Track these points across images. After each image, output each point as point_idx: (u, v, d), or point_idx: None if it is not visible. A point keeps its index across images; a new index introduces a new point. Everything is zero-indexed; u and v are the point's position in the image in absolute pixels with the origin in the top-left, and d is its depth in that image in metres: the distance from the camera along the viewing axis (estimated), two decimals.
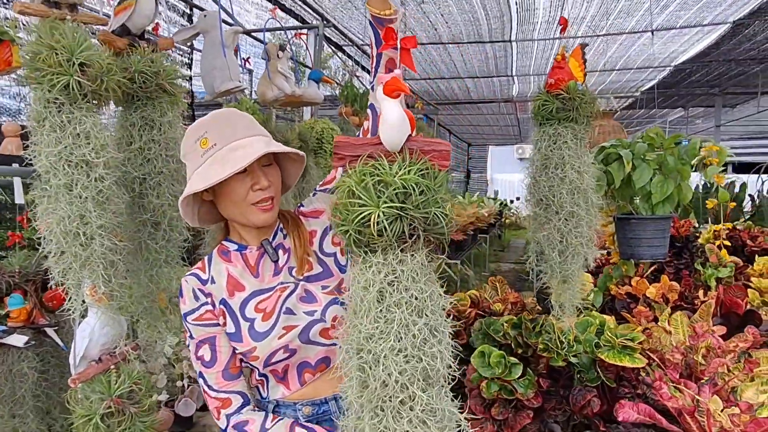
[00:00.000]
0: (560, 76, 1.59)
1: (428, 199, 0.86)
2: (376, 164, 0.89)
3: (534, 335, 1.88)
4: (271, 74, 2.12)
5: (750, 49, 5.66)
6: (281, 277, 1.19)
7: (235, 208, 1.14)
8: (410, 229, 0.85)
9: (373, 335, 0.86)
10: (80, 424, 1.34)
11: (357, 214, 0.85)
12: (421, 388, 0.85)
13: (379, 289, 0.86)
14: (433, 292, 0.89)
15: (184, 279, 1.20)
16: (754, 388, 1.47)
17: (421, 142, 0.92)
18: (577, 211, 1.54)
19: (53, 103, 1.23)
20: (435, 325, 0.88)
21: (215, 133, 1.11)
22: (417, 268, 0.87)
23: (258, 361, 1.15)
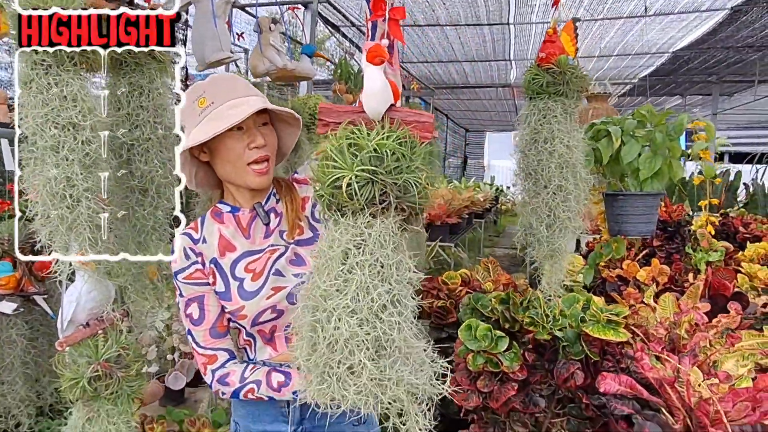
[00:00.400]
0: (551, 51, 1.58)
1: (401, 165, 0.85)
2: (354, 129, 0.88)
3: (521, 310, 1.89)
4: (263, 47, 2.11)
5: (748, 36, 5.65)
6: (272, 240, 1.21)
7: (231, 168, 1.16)
8: (381, 195, 0.84)
9: (330, 293, 0.84)
10: (68, 387, 1.35)
11: (330, 177, 0.85)
12: (370, 357, 0.82)
13: (343, 249, 0.85)
14: (401, 263, 0.88)
15: (177, 237, 1.21)
16: (734, 360, 1.49)
17: (404, 112, 0.91)
18: (565, 185, 1.54)
19: (40, 64, 1.22)
20: (398, 295, 0.86)
21: (213, 93, 1.14)
22: (385, 234, 0.86)
23: (246, 320, 1.17)
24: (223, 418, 2.07)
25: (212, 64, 1.86)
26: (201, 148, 1.19)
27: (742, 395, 1.31)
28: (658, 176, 1.69)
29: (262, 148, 1.15)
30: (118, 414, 1.39)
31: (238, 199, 1.24)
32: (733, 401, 1.30)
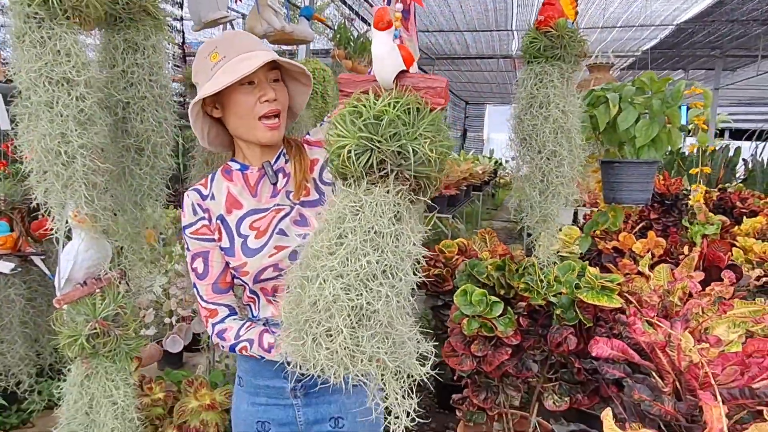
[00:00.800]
0: (550, 13, 1.56)
1: (399, 132, 0.83)
2: (361, 97, 0.88)
3: (516, 277, 1.91)
4: (261, 8, 2.07)
5: (753, 8, 5.56)
6: (278, 199, 1.23)
7: (242, 122, 1.17)
8: (380, 163, 0.83)
9: (321, 254, 0.84)
10: (66, 345, 1.36)
11: (334, 144, 0.85)
12: (348, 324, 0.81)
13: (339, 214, 0.85)
14: (401, 234, 0.85)
15: (186, 193, 1.26)
16: (725, 326, 1.51)
17: (416, 78, 0.89)
18: (559, 150, 1.53)
19: (33, 18, 1.20)
20: (392, 266, 0.83)
21: (225, 47, 1.15)
22: (384, 203, 0.84)
23: (248, 276, 1.19)
24: (220, 379, 2.10)
25: (208, 23, 1.83)
26: (213, 104, 1.20)
27: (732, 359, 1.33)
28: (655, 144, 1.68)
29: (272, 102, 1.15)
30: (117, 371, 1.41)
31: (248, 156, 1.25)
32: (722, 365, 1.32)
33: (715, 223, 3.43)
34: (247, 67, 1.09)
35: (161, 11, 1.48)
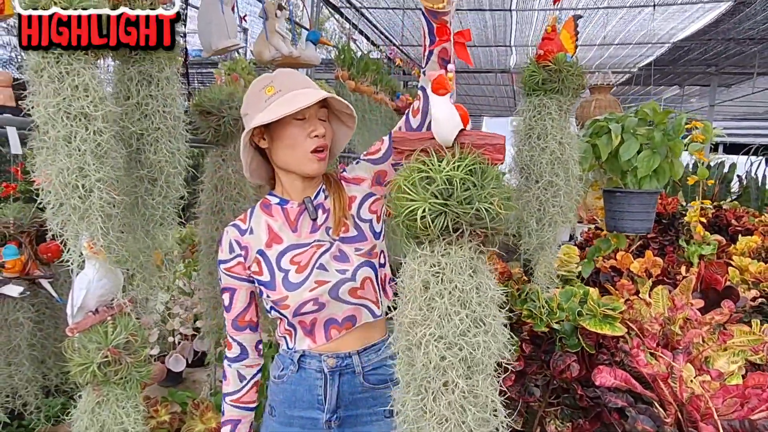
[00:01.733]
0: (549, 48, 1.60)
1: (473, 194, 0.88)
2: (426, 160, 0.92)
3: (519, 302, 1.93)
4: (269, 34, 2.11)
5: (749, 28, 5.65)
6: (318, 235, 1.25)
7: (290, 153, 1.21)
8: (454, 224, 0.88)
9: (416, 321, 0.90)
10: (78, 372, 1.38)
11: (405, 209, 0.89)
12: (461, 375, 0.89)
13: (423, 279, 0.90)
14: (481, 284, 0.92)
15: (226, 230, 1.30)
16: (725, 358, 1.54)
17: (474, 136, 0.94)
18: (555, 180, 1.57)
19: (51, 54, 1.22)
20: (481, 316, 0.90)
21: (280, 82, 1.21)
22: (462, 261, 0.90)
23: (288, 310, 1.22)
24: None
25: (219, 51, 1.86)
26: (262, 134, 1.24)
27: (732, 392, 1.36)
28: (657, 174, 1.72)
29: (322, 137, 1.20)
30: (127, 398, 1.43)
31: (288, 190, 1.28)
32: (723, 397, 1.35)
33: (712, 244, 3.47)
34: (303, 101, 1.14)
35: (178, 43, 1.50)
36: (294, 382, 1.28)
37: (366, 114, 3.16)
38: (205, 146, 1.92)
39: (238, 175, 1.92)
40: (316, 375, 1.26)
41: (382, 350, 1.29)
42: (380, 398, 1.25)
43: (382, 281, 1.28)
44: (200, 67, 6.80)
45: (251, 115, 1.21)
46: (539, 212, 1.66)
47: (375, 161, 1.27)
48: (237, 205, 1.92)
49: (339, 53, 3.11)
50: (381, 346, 1.29)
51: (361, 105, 3.13)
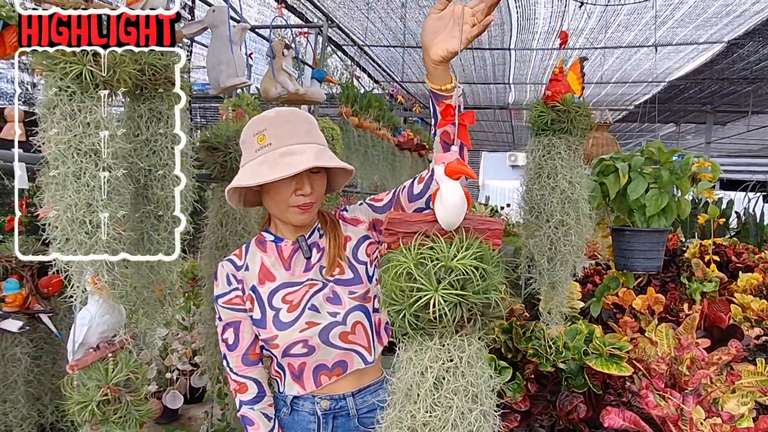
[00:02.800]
0: (557, 89, 1.63)
1: (488, 284, 0.85)
2: (435, 246, 0.88)
3: (524, 340, 1.91)
4: (276, 72, 2.14)
5: (743, 69, 5.77)
6: (311, 274, 1.23)
7: (276, 207, 1.20)
8: (469, 314, 0.84)
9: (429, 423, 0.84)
10: (76, 410, 1.35)
11: (415, 298, 0.84)
12: None
13: (436, 377, 0.85)
14: (486, 376, 0.88)
15: (221, 264, 1.28)
16: (735, 400, 1.51)
17: (475, 220, 0.92)
18: (566, 219, 1.58)
19: (65, 91, 1.24)
20: (488, 410, 0.87)
21: (273, 132, 1.16)
22: (474, 353, 0.86)
23: (278, 349, 1.20)
24: None
25: (227, 89, 1.89)
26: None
27: None
28: (665, 213, 1.72)
29: (308, 196, 1.17)
30: None
31: (282, 230, 1.27)
32: None
33: (714, 281, 3.46)
34: (287, 167, 1.10)
35: (186, 81, 1.53)
36: (287, 426, 1.25)
37: (368, 149, 3.20)
38: (211, 181, 1.93)
39: (243, 211, 1.93)
40: (309, 418, 1.23)
41: (379, 392, 1.26)
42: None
43: (377, 326, 1.25)
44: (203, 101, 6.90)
45: (244, 158, 1.21)
46: (550, 251, 1.66)
47: (376, 209, 1.26)
48: (242, 240, 1.91)
49: (343, 90, 3.16)
50: (376, 388, 1.26)
51: (363, 140, 3.16)
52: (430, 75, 0.99)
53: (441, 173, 0.89)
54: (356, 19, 4.86)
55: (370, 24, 4.93)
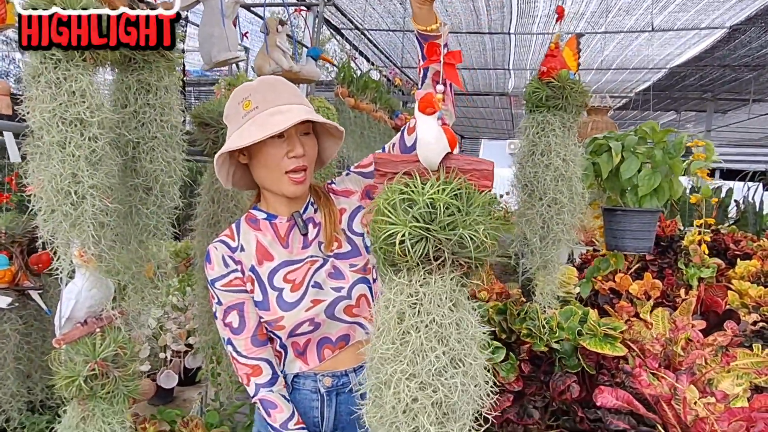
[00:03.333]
0: (552, 65, 1.59)
1: (456, 220, 0.81)
2: (408, 182, 0.86)
3: (518, 321, 1.90)
4: (270, 48, 2.11)
5: (744, 55, 5.72)
6: (310, 251, 1.20)
7: (268, 174, 1.15)
8: (435, 251, 0.81)
9: (387, 357, 0.82)
10: (63, 385, 1.33)
11: (384, 232, 0.82)
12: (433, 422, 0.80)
13: (398, 310, 0.83)
14: (461, 320, 0.84)
15: (213, 246, 1.21)
16: (730, 380, 1.50)
17: (461, 160, 0.89)
18: (560, 198, 1.55)
19: (50, 59, 1.21)
20: (459, 355, 0.82)
21: (259, 97, 1.13)
22: (442, 293, 0.83)
23: (283, 330, 1.16)
24: (215, 420, 2.05)
25: (219, 63, 1.86)
26: (241, 151, 1.18)
27: (738, 414, 1.32)
28: (657, 193, 1.70)
29: (300, 158, 1.13)
30: (114, 414, 1.38)
31: (274, 205, 1.22)
32: (728, 420, 1.31)
33: (711, 267, 3.45)
34: (278, 123, 1.07)
35: (174, 52, 1.50)
36: None
37: (365, 131, 3.16)
38: (203, 158, 1.90)
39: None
40: (311, 396, 1.21)
41: None
42: None
43: (376, 297, 1.22)
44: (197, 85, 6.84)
45: (230, 129, 1.16)
46: (543, 230, 1.63)
47: (366, 174, 1.23)
48: (234, 217, 1.89)
49: (339, 71, 3.12)
50: None
51: (360, 122, 3.13)
52: (415, 16, 0.95)
53: (416, 110, 0.87)
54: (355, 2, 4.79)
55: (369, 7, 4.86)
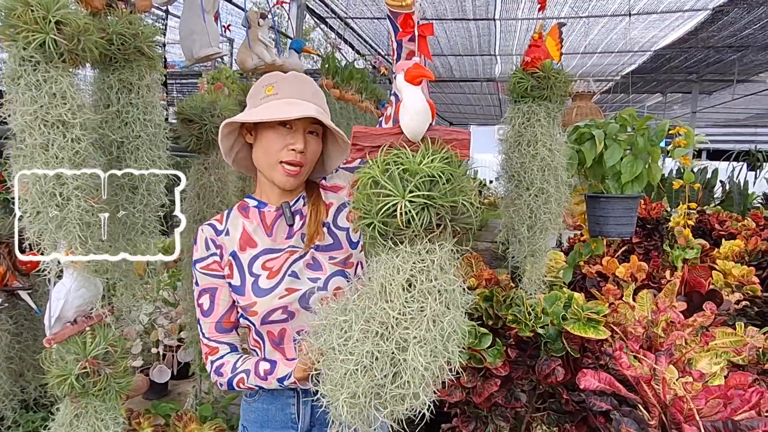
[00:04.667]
0: (536, 55, 1.61)
1: (454, 187, 0.84)
2: (400, 153, 0.87)
3: (504, 308, 1.93)
4: (252, 42, 2.11)
5: (728, 36, 5.75)
6: (292, 241, 1.23)
7: (265, 158, 1.19)
8: (437, 218, 0.83)
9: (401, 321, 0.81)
10: (55, 384, 1.35)
11: (382, 205, 0.82)
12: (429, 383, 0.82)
13: (408, 276, 0.83)
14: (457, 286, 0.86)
15: (201, 228, 1.27)
16: (707, 359, 1.55)
17: (441, 131, 0.90)
18: (546, 187, 1.58)
19: (28, 61, 1.21)
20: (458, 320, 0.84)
21: (283, 86, 1.18)
22: (445, 259, 0.84)
23: (256, 316, 1.19)
24: (209, 413, 2.08)
25: (200, 59, 1.86)
26: (249, 131, 1.22)
27: (714, 392, 1.37)
28: (638, 179, 1.73)
29: (299, 154, 1.16)
30: (106, 410, 1.40)
31: (267, 193, 1.26)
32: (705, 398, 1.36)
33: (695, 248, 3.50)
34: (288, 112, 1.11)
35: (155, 51, 1.50)
36: (266, 401, 1.25)
37: (351, 122, 3.17)
38: (187, 155, 1.91)
39: (220, 183, 1.91)
40: (288, 393, 1.23)
41: None
42: None
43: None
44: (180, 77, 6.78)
45: (248, 107, 1.21)
46: (530, 219, 1.66)
47: (352, 169, 1.27)
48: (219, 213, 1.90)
49: (323, 62, 3.12)
50: None
51: (345, 113, 3.13)
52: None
53: (401, 81, 0.87)
54: None
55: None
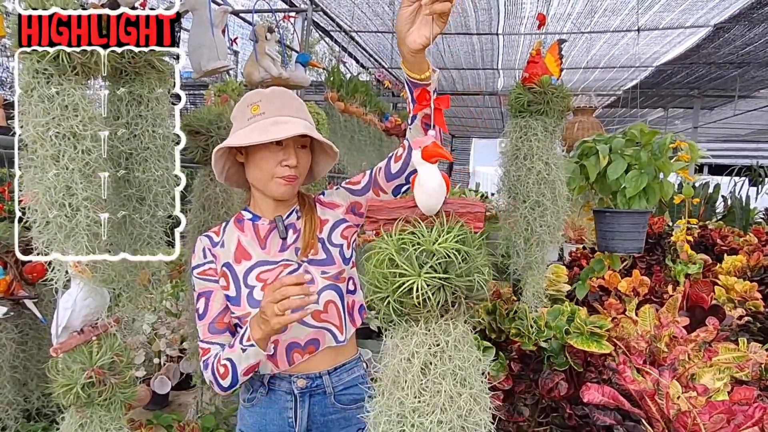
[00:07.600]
0: (534, 71, 1.64)
1: (470, 266, 0.85)
2: (415, 231, 0.88)
3: (507, 321, 1.94)
4: (259, 56, 2.13)
5: (729, 53, 5.79)
6: (286, 254, 1.25)
7: (260, 175, 1.22)
8: (453, 298, 0.84)
9: (418, 408, 0.84)
10: (61, 393, 1.36)
11: (398, 284, 0.83)
12: None
13: (423, 362, 0.85)
14: (474, 359, 0.88)
15: (200, 238, 1.32)
16: (711, 374, 1.55)
17: (456, 204, 0.91)
18: (542, 200, 1.60)
19: (42, 73, 1.23)
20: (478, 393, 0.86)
21: (267, 104, 1.20)
22: (460, 337, 0.86)
23: None
24: (211, 423, 2.08)
25: (208, 72, 1.88)
26: (239, 150, 1.26)
27: (718, 408, 1.37)
28: (646, 194, 1.74)
29: (293, 168, 1.21)
30: (111, 420, 1.40)
31: (261, 206, 1.29)
32: (709, 413, 1.36)
33: (698, 263, 3.51)
34: (278, 132, 1.14)
35: (166, 64, 1.52)
36: (264, 405, 1.26)
37: (355, 135, 3.19)
38: (194, 166, 1.93)
39: (225, 195, 1.93)
40: (286, 397, 1.24)
41: (354, 369, 1.28)
42: (353, 419, 1.24)
43: (349, 307, 1.27)
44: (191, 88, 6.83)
45: (234, 127, 1.24)
46: (527, 232, 1.68)
47: (354, 191, 1.29)
48: None
49: (329, 75, 3.15)
50: (352, 365, 1.28)
51: (350, 126, 3.16)
52: (407, 63, 0.99)
53: (418, 157, 0.88)
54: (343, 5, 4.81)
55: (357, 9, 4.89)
